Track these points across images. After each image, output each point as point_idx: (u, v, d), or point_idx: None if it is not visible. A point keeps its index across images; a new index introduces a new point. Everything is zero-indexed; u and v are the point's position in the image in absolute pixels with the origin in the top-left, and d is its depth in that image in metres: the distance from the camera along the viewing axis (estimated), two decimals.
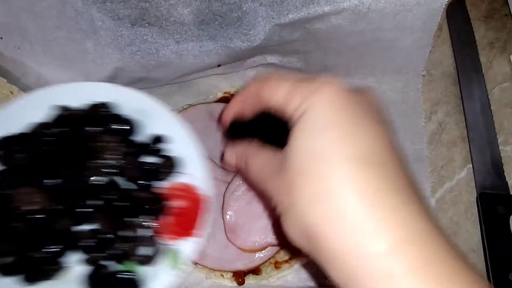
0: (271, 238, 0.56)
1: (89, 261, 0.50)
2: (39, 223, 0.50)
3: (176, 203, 0.56)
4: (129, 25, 0.59)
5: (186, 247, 0.54)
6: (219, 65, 0.65)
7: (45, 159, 0.53)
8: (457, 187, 0.64)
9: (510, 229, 0.58)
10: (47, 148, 0.53)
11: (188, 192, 0.57)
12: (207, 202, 0.56)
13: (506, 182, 0.62)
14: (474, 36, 0.71)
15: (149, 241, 0.53)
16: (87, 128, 0.55)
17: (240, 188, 0.58)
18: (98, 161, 0.53)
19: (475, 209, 0.62)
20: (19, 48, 0.62)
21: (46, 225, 0.50)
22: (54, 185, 0.51)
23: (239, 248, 0.56)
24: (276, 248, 0.57)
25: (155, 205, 0.55)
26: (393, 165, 0.32)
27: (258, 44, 0.60)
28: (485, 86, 0.68)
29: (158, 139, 0.58)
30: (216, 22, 0.58)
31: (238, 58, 0.65)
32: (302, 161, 0.32)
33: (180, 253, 0.53)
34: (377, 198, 0.30)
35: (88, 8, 0.57)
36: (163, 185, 0.57)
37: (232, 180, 0.58)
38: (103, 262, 0.50)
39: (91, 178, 0.53)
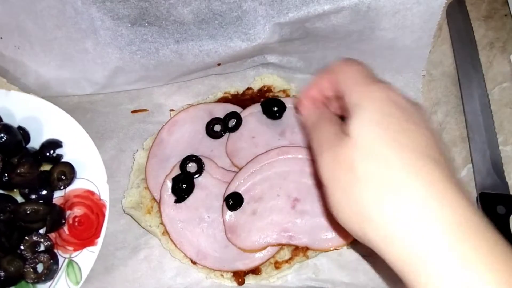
0: (271, 238, 0.56)
1: None
2: None
3: (73, 212, 0.55)
4: (129, 25, 0.59)
5: (86, 257, 0.53)
6: (218, 64, 0.65)
7: None
8: None
9: (510, 229, 0.58)
10: None
11: (85, 199, 0.56)
12: (104, 207, 0.55)
13: (506, 182, 0.62)
14: (474, 36, 0.71)
15: (45, 256, 0.52)
16: None
17: (241, 187, 0.58)
18: None
19: None
20: (19, 48, 0.62)
21: None
22: None
23: (239, 248, 0.56)
24: (276, 248, 0.57)
25: (49, 216, 0.53)
26: (445, 161, 0.35)
27: (258, 43, 0.60)
28: (485, 86, 0.68)
29: (50, 145, 0.57)
30: (216, 22, 0.58)
31: (238, 58, 0.65)
32: (364, 143, 0.35)
33: (80, 265, 0.52)
34: (435, 188, 0.33)
35: (88, 7, 0.57)
36: (58, 194, 0.56)
37: (232, 180, 0.58)
38: None
39: None
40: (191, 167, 0.60)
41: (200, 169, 0.59)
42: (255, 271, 0.57)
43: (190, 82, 0.69)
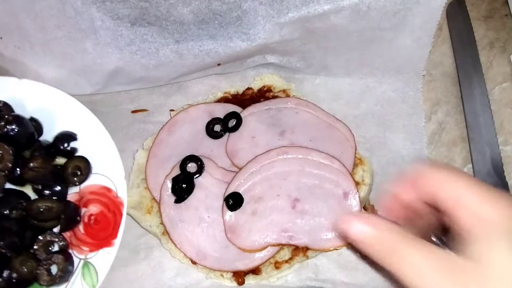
0: (271, 238, 0.56)
1: None
2: None
3: (89, 209, 0.51)
4: (129, 25, 0.59)
5: (103, 259, 0.49)
6: (218, 64, 0.65)
7: None
8: None
9: None
10: None
11: (101, 196, 0.52)
12: (121, 205, 0.51)
13: (506, 182, 0.62)
14: (474, 36, 0.71)
15: (59, 257, 0.48)
16: None
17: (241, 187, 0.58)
18: None
19: None
20: (19, 48, 0.62)
21: None
22: None
23: (239, 248, 0.56)
24: (276, 248, 0.57)
25: (64, 214, 0.50)
26: None
27: (258, 43, 0.60)
28: (485, 86, 0.68)
29: (64, 138, 0.54)
30: (216, 22, 0.58)
31: (238, 58, 0.65)
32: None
33: (96, 267, 0.49)
34: None
35: (88, 7, 0.57)
36: (73, 190, 0.52)
37: (232, 180, 0.58)
38: None
39: None
40: (191, 167, 0.60)
41: (200, 169, 0.59)
42: (255, 271, 0.57)
43: (190, 82, 0.69)
